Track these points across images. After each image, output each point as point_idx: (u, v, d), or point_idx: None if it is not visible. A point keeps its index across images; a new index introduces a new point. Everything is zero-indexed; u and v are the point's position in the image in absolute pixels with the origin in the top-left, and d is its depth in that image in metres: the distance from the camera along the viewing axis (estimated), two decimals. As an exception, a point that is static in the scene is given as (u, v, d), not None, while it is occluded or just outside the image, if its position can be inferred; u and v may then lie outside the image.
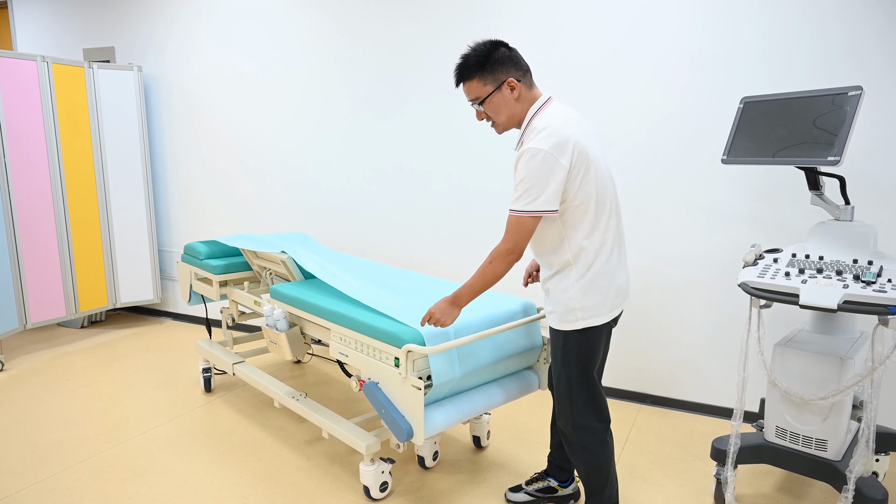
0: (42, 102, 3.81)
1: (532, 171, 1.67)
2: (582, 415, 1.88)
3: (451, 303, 1.84)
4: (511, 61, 1.77)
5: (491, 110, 1.80)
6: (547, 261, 1.85)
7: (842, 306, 1.70)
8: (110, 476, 2.43)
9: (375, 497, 2.25)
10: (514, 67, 1.77)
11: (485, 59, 1.75)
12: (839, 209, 2.02)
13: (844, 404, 1.95)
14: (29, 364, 3.71)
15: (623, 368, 3.12)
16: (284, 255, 2.75)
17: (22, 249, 3.79)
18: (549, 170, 1.66)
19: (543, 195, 1.67)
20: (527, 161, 1.68)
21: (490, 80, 1.76)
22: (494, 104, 1.78)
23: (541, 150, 1.66)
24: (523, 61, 1.80)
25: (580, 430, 1.89)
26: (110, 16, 4.40)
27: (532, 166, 1.67)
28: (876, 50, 2.41)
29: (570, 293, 1.79)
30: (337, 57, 3.62)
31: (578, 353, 1.84)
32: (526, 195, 1.68)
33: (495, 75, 1.76)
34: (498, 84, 1.76)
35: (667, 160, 2.86)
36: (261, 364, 3.63)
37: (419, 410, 1.98)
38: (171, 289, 4.60)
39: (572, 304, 1.80)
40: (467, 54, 1.78)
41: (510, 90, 1.76)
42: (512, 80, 1.76)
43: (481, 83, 1.77)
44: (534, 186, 1.67)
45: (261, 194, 4.08)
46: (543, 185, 1.66)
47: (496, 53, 1.75)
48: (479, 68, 1.75)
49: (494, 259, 1.75)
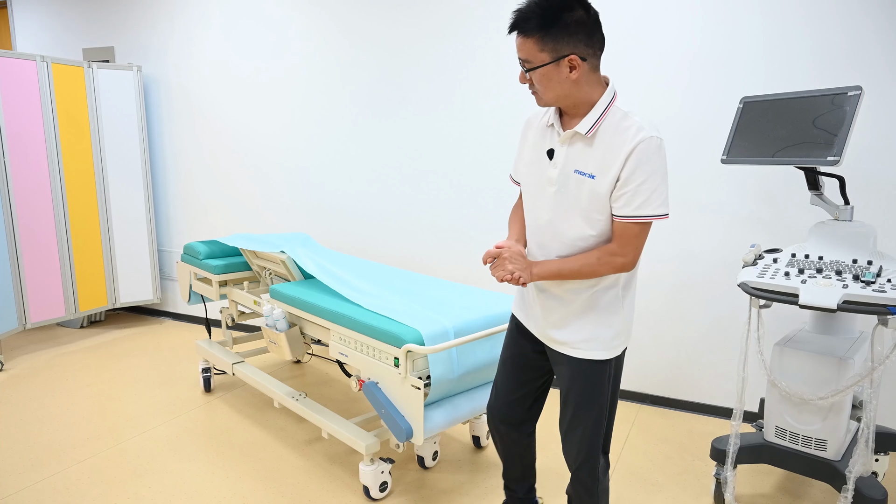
0: (42, 102, 3.80)
1: (659, 165, 1.40)
2: (600, 452, 1.66)
3: (529, 267, 1.51)
4: (584, 31, 1.37)
5: (539, 81, 1.43)
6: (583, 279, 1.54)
7: (841, 306, 1.70)
8: (110, 476, 2.43)
9: (375, 497, 2.25)
10: (584, 41, 1.38)
11: (552, 19, 1.35)
12: (839, 209, 2.03)
13: (844, 404, 1.95)
14: (29, 364, 3.71)
15: (623, 368, 3.12)
16: (284, 255, 2.75)
17: (22, 249, 3.79)
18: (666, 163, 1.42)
19: (666, 193, 1.41)
20: (653, 153, 1.38)
21: (549, 48, 1.37)
22: (545, 76, 1.42)
23: (662, 139, 1.40)
24: (599, 33, 1.41)
25: (602, 470, 1.67)
26: (110, 16, 4.40)
27: (659, 160, 1.39)
28: (876, 50, 2.41)
29: (622, 314, 1.55)
30: (337, 57, 3.62)
31: (614, 384, 1.62)
32: (656, 195, 1.39)
33: (557, 44, 1.36)
34: (557, 57, 1.38)
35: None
36: (260, 364, 3.63)
37: (419, 410, 1.98)
38: (170, 289, 4.60)
39: (620, 326, 1.55)
40: (533, 2, 1.36)
41: (569, 69, 1.40)
42: (574, 58, 1.38)
43: (537, 47, 1.38)
44: (662, 184, 1.40)
45: (261, 194, 4.08)
46: (666, 180, 1.41)
47: (570, 15, 1.35)
48: (541, 28, 1.36)
49: (605, 265, 1.46)
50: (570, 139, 1.48)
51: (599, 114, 1.44)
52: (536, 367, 1.73)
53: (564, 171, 1.49)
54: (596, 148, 1.44)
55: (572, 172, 1.47)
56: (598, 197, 1.45)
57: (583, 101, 1.46)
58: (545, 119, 1.57)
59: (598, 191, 1.44)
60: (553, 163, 1.51)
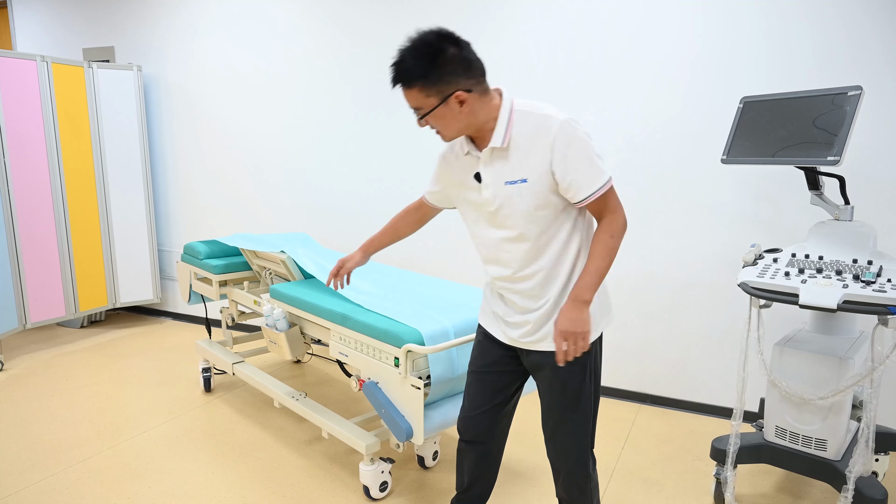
0: (42, 102, 3.80)
1: (583, 137, 1.44)
2: (591, 446, 1.65)
3: (579, 307, 1.47)
4: (461, 65, 1.41)
5: (436, 123, 1.49)
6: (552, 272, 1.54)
7: (841, 306, 1.70)
8: (110, 476, 2.43)
9: (375, 497, 2.25)
10: (464, 74, 1.42)
11: (428, 65, 1.39)
12: (839, 209, 2.02)
13: (844, 404, 1.95)
14: (29, 364, 3.71)
15: (623, 368, 3.13)
16: (284, 255, 2.75)
17: (22, 249, 3.79)
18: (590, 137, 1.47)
19: (600, 158, 1.46)
20: (572, 132, 1.42)
21: (434, 92, 1.42)
22: (439, 117, 1.47)
23: (570, 117, 1.44)
24: (477, 62, 1.45)
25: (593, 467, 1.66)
26: (110, 16, 4.40)
27: (580, 134, 1.44)
28: (876, 50, 2.41)
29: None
30: (338, 56, 3.62)
31: (597, 366, 1.60)
32: (596, 167, 1.44)
33: (440, 86, 1.41)
34: (444, 98, 1.42)
35: (667, 161, 2.86)
36: (261, 364, 3.63)
37: (419, 410, 1.98)
38: (170, 289, 4.60)
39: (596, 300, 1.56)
40: (405, 53, 1.41)
41: (459, 104, 1.43)
42: (460, 94, 1.42)
43: (422, 95, 1.43)
44: (593, 153, 1.45)
45: (261, 194, 4.08)
46: (594, 147, 1.46)
47: (442, 57, 1.39)
48: (421, 77, 1.40)
49: (616, 233, 1.48)
50: (490, 156, 1.51)
51: (506, 123, 1.48)
52: (510, 373, 1.71)
53: (496, 187, 1.51)
54: (517, 154, 1.48)
55: (504, 185, 1.50)
56: (538, 195, 1.47)
57: (485, 124, 1.50)
58: (460, 150, 1.60)
59: (536, 190, 1.47)
60: (484, 184, 1.53)
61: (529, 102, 1.50)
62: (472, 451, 1.80)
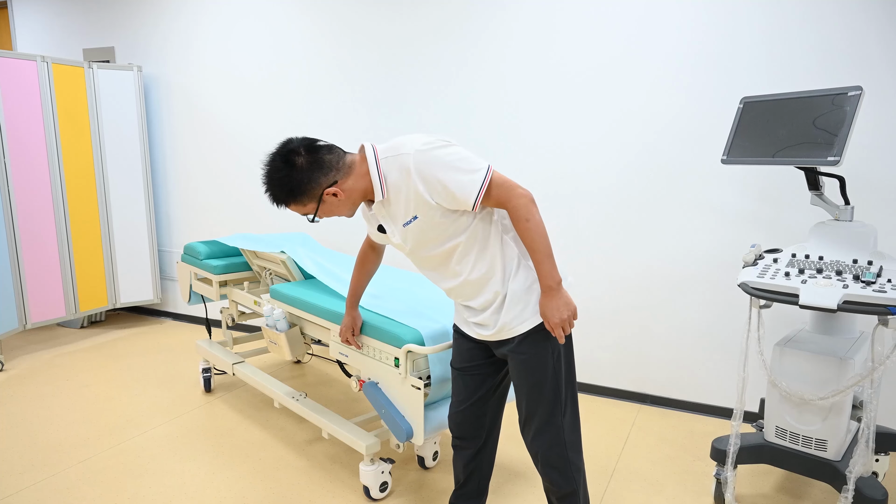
0: (42, 102, 3.81)
1: (439, 157, 1.50)
2: (573, 431, 1.69)
3: (552, 294, 1.56)
4: (317, 169, 1.55)
5: (327, 216, 1.64)
6: (487, 272, 1.62)
7: (841, 306, 1.70)
8: (110, 476, 2.43)
9: (375, 497, 2.25)
10: (322, 174, 1.55)
11: (289, 186, 1.55)
12: (839, 209, 2.02)
13: (844, 404, 1.95)
14: (29, 364, 3.71)
15: (623, 368, 3.12)
16: (284, 255, 2.75)
17: (22, 249, 3.79)
18: (450, 143, 1.54)
19: (468, 158, 1.52)
20: (426, 158, 1.49)
21: (307, 200, 1.57)
22: (326, 212, 1.62)
23: (420, 143, 1.51)
24: (325, 157, 1.56)
25: (575, 451, 1.70)
26: (110, 16, 4.40)
27: (433, 155, 1.50)
28: (877, 50, 2.41)
29: (528, 277, 1.63)
30: (338, 55, 3.62)
31: (566, 351, 1.67)
32: (466, 163, 1.51)
33: (309, 194, 1.56)
34: (318, 199, 1.58)
35: (668, 161, 2.86)
36: (261, 364, 3.63)
37: (419, 410, 1.98)
38: (170, 289, 4.60)
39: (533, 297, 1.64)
40: (266, 180, 1.57)
41: (333, 196, 1.58)
42: (329, 190, 1.56)
43: (300, 206, 1.59)
44: (458, 161, 1.51)
45: (261, 194, 4.08)
46: (456, 153, 1.52)
47: (296, 175, 1.54)
48: (289, 196, 1.57)
49: (528, 215, 1.53)
50: (381, 209, 1.63)
51: (378, 179, 1.56)
52: (487, 365, 1.80)
53: (399, 231, 1.64)
54: (398, 197, 1.57)
55: (402, 227, 1.61)
56: (437, 223, 1.57)
57: (366, 187, 1.60)
58: (365, 207, 1.73)
59: (433, 221, 1.57)
60: (390, 232, 1.67)
61: (387, 146, 1.59)
62: (465, 447, 1.89)
